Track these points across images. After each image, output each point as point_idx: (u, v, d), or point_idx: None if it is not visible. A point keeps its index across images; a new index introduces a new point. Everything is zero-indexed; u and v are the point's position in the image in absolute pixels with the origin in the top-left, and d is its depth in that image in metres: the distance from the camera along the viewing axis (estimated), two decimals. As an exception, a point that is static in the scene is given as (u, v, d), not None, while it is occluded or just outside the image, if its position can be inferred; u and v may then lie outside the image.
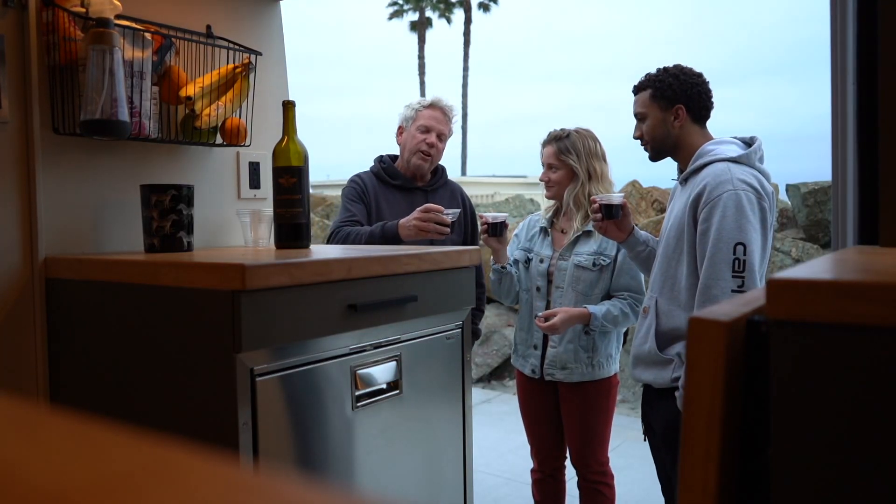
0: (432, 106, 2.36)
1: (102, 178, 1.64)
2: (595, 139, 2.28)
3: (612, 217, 1.99)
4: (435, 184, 2.40)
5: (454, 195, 2.46)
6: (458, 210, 2.19)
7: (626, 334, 2.38)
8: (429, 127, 2.33)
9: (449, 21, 30.10)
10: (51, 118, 1.53)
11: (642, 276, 2.20)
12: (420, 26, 29.27)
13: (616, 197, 2.00)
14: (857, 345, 0.48)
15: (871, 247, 0.89)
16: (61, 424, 0.30)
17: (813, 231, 4.75)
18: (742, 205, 1.69)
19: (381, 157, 2.43)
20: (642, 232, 2.06)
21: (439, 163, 2.43)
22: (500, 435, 3.90)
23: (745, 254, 1.67)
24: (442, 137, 2.36)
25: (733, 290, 1.66)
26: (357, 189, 2.32)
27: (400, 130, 2.41)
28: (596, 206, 2.00)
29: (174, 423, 1.34)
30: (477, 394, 4.65)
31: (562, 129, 2.29)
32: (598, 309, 2.15)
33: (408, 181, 2.35)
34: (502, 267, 2.27)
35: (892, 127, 0.77)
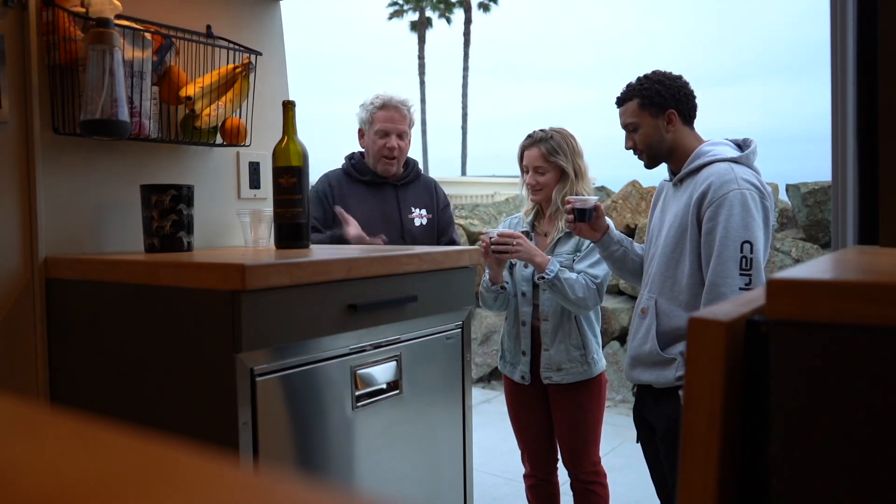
0: (385, 107, 2.30)
1: (102, 178, 1.64)
2: (574, 138, 2.26)
3: (586, 220, 1.98)
4: (405, 178, 2.36)
5: (428, 189, 2.42)
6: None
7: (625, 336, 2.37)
8: (386, 130, 2.29)
9: (449, 21, 30.11)
10: (51, 118, 1.53)
11: (607, 270, 2.18)
12: (420, 26, 29.27)
13: (590, 199, 1.99)
14: (857, 345, 0.48)
15: (871, 247, 0.89)
16: (61, 424, 0.30)
17: (813, 231, 4.75)
18: (748, 203, 1.70)
19: (352, 154, 2.41)
20: (616, 232, 2.05)
21: (409, 156, 2.39)
22: (500, 435, 3.90)
23: (751, 252, 1.69)
24: (403, 136, 2.32)
25: (741, 288, 1.67)
26: (319, 192, 2.30)
27: (360, 133, 2.37)
28: (569, 207, 1.99)
29: (174, 423, 1.34)
30: (477, 394, 4.65)
31: (542, 131, 2.24)
32: (556, 265, 2.11)
33: (376, 177, 2.33)
34: (502, 287, 2.21)
35: (892, 127, 0.77)
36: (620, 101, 1.93)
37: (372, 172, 2.33)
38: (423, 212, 2.36)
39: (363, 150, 2.39)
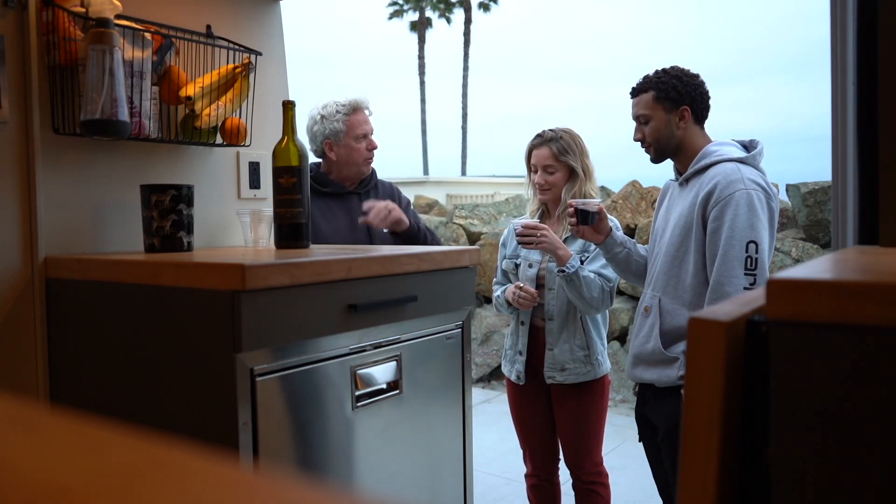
0: (357, 110, 2.21)
1: (102, 178, 1.64)
2: (582, 138, 2.26)
3: (588, 223, 1.98)
4: (367, 185, 2.29)
5: (388, 194, 2.33)
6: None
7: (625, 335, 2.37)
8: (366, 133, 2.22)
9: (449, 21, 30.10)
10: (51, 118, 1.53)
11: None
12: (420, 26, 29.27)
13: (593, 203, 1.99)
14: (857, 345, 0.48)
15: (871, 247, 0.89)
16: (61, 424, 0.30)
17: (813, 231, 4.74)
18: (753, 204, 1.71)
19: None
20: (620, 234, 2.06)
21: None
22: (500, 435, 3.90)
23: (756, 252, 1.69)
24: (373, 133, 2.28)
25: (745, 288, 1.67)
26: None
27: (329, 145, 2.21)
28: (571, 210, 1.99)
29: (174, 423, 1.34)
30: (477, 394, 4.64)
31: (552, 131, 2.24)
32: (577, 261, 2.11)
33: (340, 187, 2.24)
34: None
35: (892, 127, 0.77)
36: (636, 92, 1.93)
37: (334, 183, 2.24)
38: None
39: (329, 159, 2.24)
